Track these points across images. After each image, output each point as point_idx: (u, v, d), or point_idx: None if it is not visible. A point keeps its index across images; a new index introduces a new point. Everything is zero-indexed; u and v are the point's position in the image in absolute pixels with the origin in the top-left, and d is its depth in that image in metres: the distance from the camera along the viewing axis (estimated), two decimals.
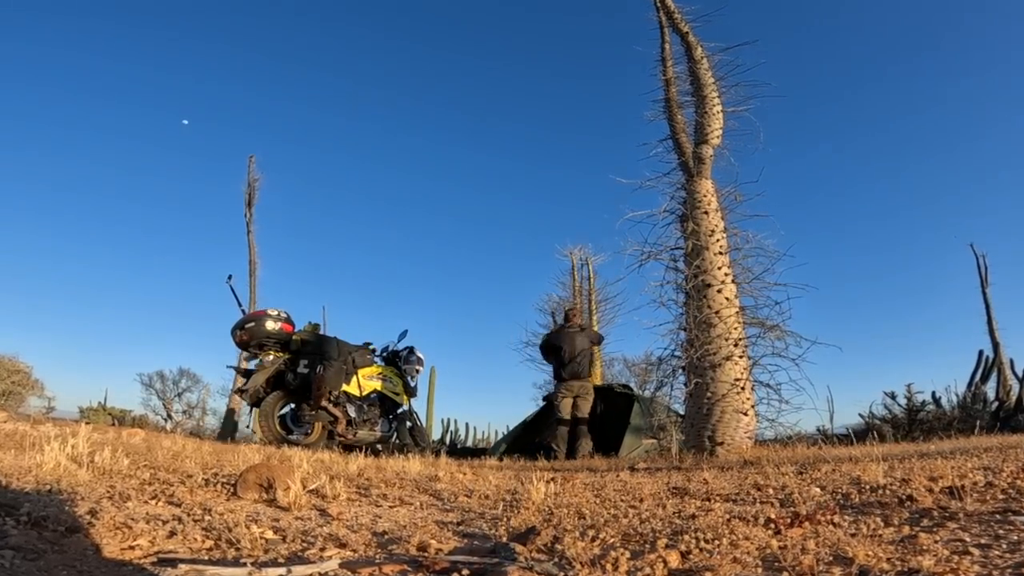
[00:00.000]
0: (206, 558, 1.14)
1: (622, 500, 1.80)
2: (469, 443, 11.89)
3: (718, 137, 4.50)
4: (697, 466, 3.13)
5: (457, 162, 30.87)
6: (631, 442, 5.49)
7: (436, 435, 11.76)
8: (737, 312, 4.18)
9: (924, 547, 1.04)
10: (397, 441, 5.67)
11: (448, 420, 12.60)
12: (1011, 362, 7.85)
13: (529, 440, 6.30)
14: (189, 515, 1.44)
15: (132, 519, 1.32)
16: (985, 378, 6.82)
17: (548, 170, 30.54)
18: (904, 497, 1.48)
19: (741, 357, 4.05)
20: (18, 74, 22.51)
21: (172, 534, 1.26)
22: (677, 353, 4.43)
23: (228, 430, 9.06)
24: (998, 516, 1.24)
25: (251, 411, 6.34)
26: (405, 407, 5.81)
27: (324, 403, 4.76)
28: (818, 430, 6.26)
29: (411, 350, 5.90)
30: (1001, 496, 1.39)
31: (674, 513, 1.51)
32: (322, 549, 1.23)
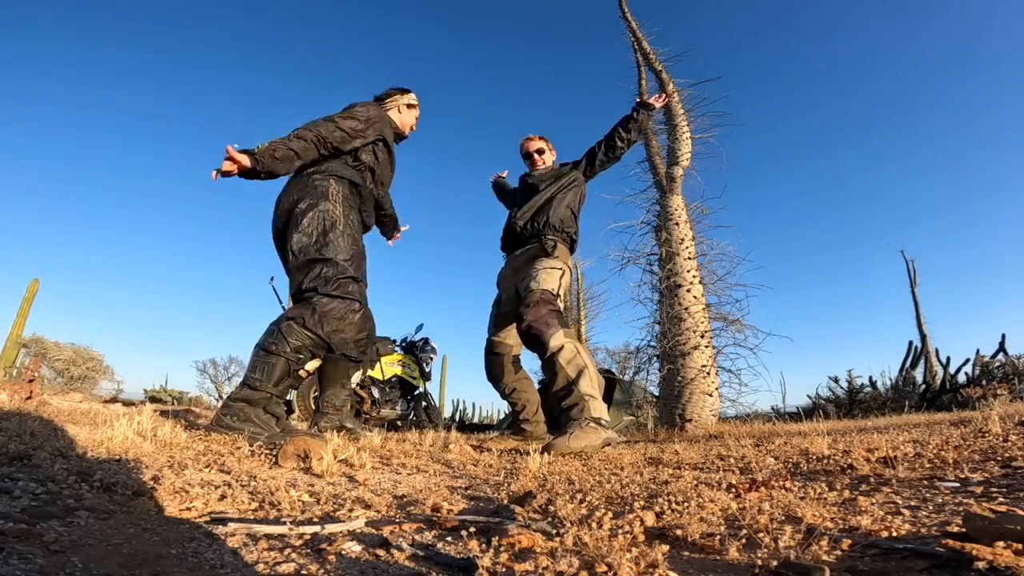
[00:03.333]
0: (252, 517, 1.14)
1: (605, 468, 1.80)
2: (476, 420, 11.88)
3: (687, 159, 4.50)
4: (669, 439, 3.12)
5: (474, 170, 30.88)
6: (614, 417, 5.53)
7: (448, 413, 11.76)
8: (704, 308, 4.18)
9: (863, 508, 1.04)
10: (414, 418, 5.67)
11: (458, 400, 12.61)
12: (936, 351, 7.83)
13: None
14: (237, 481, 1.44)
15: (189, 484, 1.31)
16: (914, 365, 6.80)
17: None
18: (845, 466, 1.48)
19: (707, 347, 4.05)
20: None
21: (223, 497, 1.26)
22: (652, 343, 4.43)
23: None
24: (925, 482, 1.24)
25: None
26: (421, 389, 5.81)
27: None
28: (772, 408, 6.26)
29: (426, 340, 5.91)
30: (928, 465, 1.39)
31: (650, 479, 1.51)
32: (350, 510, 1.23)
